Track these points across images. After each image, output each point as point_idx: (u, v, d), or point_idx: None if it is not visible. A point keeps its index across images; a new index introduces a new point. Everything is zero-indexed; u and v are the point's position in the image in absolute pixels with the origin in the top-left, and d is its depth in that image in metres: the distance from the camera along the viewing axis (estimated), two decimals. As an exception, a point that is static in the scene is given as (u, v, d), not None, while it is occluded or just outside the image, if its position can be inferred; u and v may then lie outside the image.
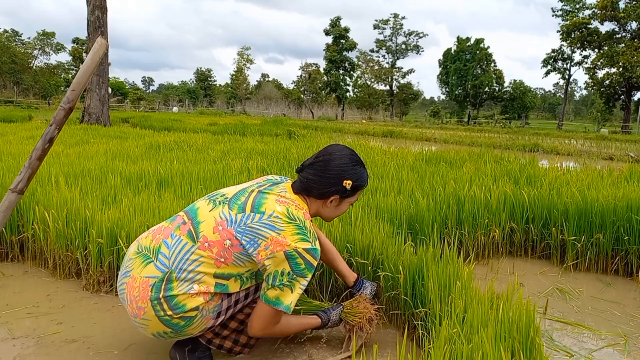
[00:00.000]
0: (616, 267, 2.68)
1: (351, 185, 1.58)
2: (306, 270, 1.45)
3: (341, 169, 1.57)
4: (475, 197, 2.89)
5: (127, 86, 64.56)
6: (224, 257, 1.43)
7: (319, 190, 1.57)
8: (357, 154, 1.65)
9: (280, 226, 1.43)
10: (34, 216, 2.48)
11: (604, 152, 10.59)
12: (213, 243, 1.43)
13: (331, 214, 1.66)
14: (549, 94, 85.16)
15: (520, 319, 1.38)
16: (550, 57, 39.69)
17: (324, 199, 1.60)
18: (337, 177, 1.56)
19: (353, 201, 1.66)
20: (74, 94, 1.73)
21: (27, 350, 1.68)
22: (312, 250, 1.45)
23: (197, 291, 1.40)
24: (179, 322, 1.41)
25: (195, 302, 1.41)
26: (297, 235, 1.44)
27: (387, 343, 1.81)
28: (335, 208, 1.64)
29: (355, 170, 1.60)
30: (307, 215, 1.53)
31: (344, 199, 1.62)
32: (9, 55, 48.14)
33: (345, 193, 1.59)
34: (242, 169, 3.97)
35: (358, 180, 1.60)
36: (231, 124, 13.36)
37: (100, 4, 12.20)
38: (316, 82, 54.31)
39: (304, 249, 1.43)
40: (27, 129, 8.75)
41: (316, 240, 1.48)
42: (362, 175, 1.62)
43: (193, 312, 1.41)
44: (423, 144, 12.45)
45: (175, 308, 1.39)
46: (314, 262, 1.45)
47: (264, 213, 1.45)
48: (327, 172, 1.57)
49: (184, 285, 1.40)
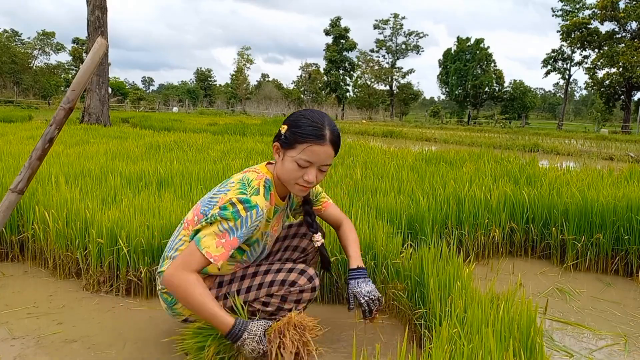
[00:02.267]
0: (616, 267, 2.68)
1: (286, 130, 1.47)
2: (229, 214, 1.39)
3: (287, 117, 1.53)
4: (475, 197, 2.89)
5: (127, 86, 64.60)
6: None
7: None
8: (322, 115, 1.49)
9: (230, 187, 1.48)
10: (34, 216, 2.48)
11: (604, 152, 10.59)
12: (189, 222, 1.55)
13: (279, 170, 1.51)
14: (549, 94, 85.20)
15: (521, 319, 1.38)
16: (550, 57, 39.71)
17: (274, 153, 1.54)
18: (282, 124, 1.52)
19: (296, 158, 1.45)
20: (74, 94, 1.73)
21: (27, 350, 1.68)
22: (243, 199, 1.42)
23: None
24: (167, 297, 1.55)
25: None
26: (237, 190, 1.45)
27: (387, 343, 1.81)
28: (281, 163, 1.49)
29: (298, 118, 1.48)
30: (260, 176, 1.52)
31: (286, 150, 1.47)
32: (9, 55, 48.12)
33: (281, 140, 1.48)
34: (242, 169, 3.96)
35: (295, 127, 1.45)
36: (231, 124, 13.36)
37: (100, 4, 12.20)
38: (316, 82, 54.32)
39: (237, 199, 1.42)
40: (27, 129, 8.75)
41: (256, 195, 1.44)
42: (302, 124, 1.45)
43: None
44: (423, 144, 12.45)
45: (162, 283, 1.50)
46: (243, 211, 1.40)
47: (224, 184, 1.54)
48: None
49: (169, 261, 1.52)
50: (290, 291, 1.54)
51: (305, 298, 1.56)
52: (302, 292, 1.55)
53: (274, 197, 1.57)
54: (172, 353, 1.69)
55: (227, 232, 1.40)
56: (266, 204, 1.49)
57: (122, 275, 2.14)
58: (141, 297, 2.15)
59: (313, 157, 1.45)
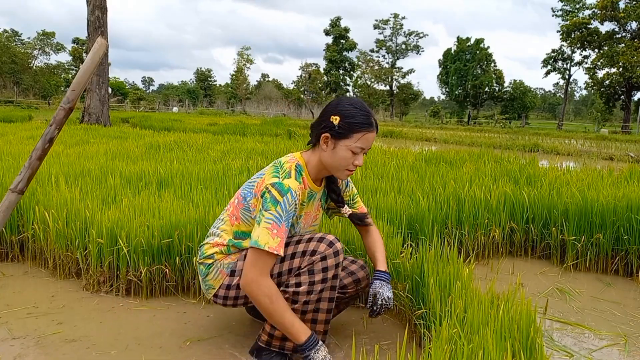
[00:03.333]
0: (616, 267, 2.68)
1: (339, 121, 1.50)
2: (270, 204, 1.46)
3: (332, 105, 1.56)
4: (475, 197, 2.89)
5: (127, 86, 64.59)
6: (235, 215, 1.62)
7: (315, 131, 1.58)
8: (360, 102, 1.57)
9: (265, 171, 1.59)
10: (34, 216, 2.48)
11: (604, 152, 10.59)
12: (231, 204, 1.67)
13: (330, 160, 1.56)
14: (549, 94, 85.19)
15: (521, 319, 1.38)
16: (550, 57, 39.70)
17: (318, 142, 1.57)
18: (328, 114, 1.55)
19: (352, 147, 1.52)
20: (74, 94, 1.73)
21: (27, 350, 1.68)
22: (277, 184, 1.48)
23: (214, 242, 1.64)
24: (202, 267, 1.65)
25: (212, 250, 1.63)
26: (271, 174, 1.54)
27: (387, 343, 1.81)
28: (332, 152, 1.54)
29: (346, 107, 1.53)
30: (293, 160, 1.59)
31: (338, 140, 1.52)
32: (9, 55, 48.11)
33: (335, 130, 1.51)
34: (242, 169, 3.97)
35: (348, 117, 1.51)
36: (231, 124, 13.36)
37: (100, 4, 12.20)
38: (316, 82, 54.31)
39: (270, 184, 1.49)
40: (27, 129, 8.75)
41: (288, 178, 1.51)
42: (354, 114, 1.51)
43: (209, 259, 1.63)
44: (423, 144, 12.45)
45: (201, 255, 1.66)
46: (279, 197, 1.46)
47: (263, 171, 1.63)
48: (323, 111, 1.58)
49: (210, 238, 1.68)
50: (312, 261, 1.50)
51: (331, 264, 1.51)
52: (326, 259, 1.51)
53: (307, 181, 1.62)
54: (173, 353, 1.69)
55: (274, 222, 1.46)
56: (300, 186, 1.54)
57: (122, 275, 2.14)
58: (141, 297, 2.15)
59: (365, 144, 1.55)
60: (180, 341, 1.77)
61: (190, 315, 2.00)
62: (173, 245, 2.14)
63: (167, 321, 1.94)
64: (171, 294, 2.18)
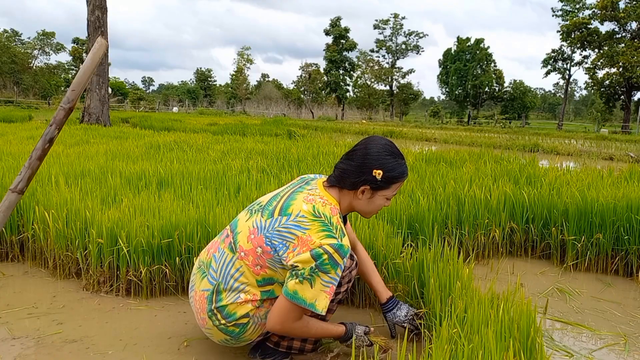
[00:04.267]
0: (616, 267, 2.68)
1: (382, 176, 1.52)
2: (329, 267, 1.40)
3: (372, 158, 1.53)
4: (475, 197, 2.89)
5: (127, 86, 64.59)
6: (259, 264, 1.47)
7: (350, 180, 1.54)
8: (394, 146, 1.59)
9: (306, 225, 1.43)
10: (34, 216, 2.48)
11: (604, 152, 10.59)
12: (248, 252, 1.49)
13: (365, 207, 1.59)
14: (549, 94, 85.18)
15: (521, 319, 1.38)
16: (550, 57, 39.66)
17: (354, 190, 1.55)
18: (368, 167, 1.52)
19: (389, 195, 1.58)
20: (74, 94, 1.73)
21: (28, 350, 1.68)
22: (337, 246, 1.40)
23: (243, 300, 1.49)
24: (234, 329, 1.51)
25: (245, 309, 1.49)
26: (323, 232, 1.42)
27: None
28: (369, 201, 1.57)
29: (387, 160, 1.53)
30: (335, 211, 1.49)
31: (376, 190, 1.55)
32: (9, 55, 48.10)
33: (376, 184, 1.53)
34: (242, 169, 3.97)
35: (390, 171, 1.53)
36: (231, 124, 13.36)
37: (101, 4, 12.20)
38: (316, 82, 54.29)
39: (329, 245, 1.40)
40: (27, 129, 8.75)
41: (344, 237, 1.44)
42: (395, 167, 1.54)
43: (244, 319, 1.50)
44: (423, 144, 12.45)
45: (227, 317, 1.49)
46: (340, 260, 1.41)
47: (291, 214, 1.46)
48: (358, 160, 1.54)
49: (231, 295, 1.49)
50: (342, 276, 1.60)
51: (354, 275, 1.69)
52: (351, 272, 1.66)
53: None
54: (172, 353, 1.69)
55: (332, 285, 1.43)
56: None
57: (122, 275, 2.14)
58: (141, 297, 2.15)
59: (399, 188, 1.61)
60: (180, 341, 1.78)
61: (190, 315, 2.00)
62: (173, 245, 2.14)
63: (167, 321, 1.94)
64: (171, 294, 2.18)
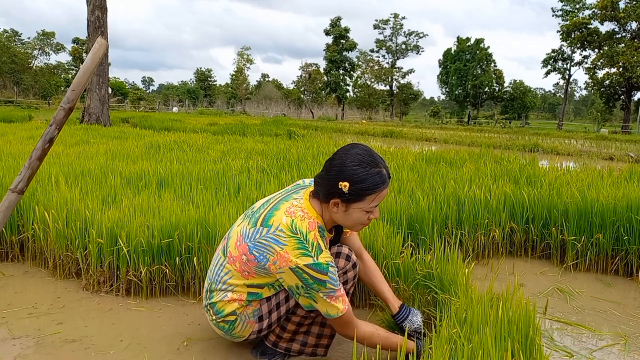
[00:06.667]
0: (616, 267, 2.68)
1: (349, 188, 1.40)
2: (317, 285, 1.40)
3: (340, 169, 1.42)
4: (475, 197, 2.89)
5: (127, 86, 64.58)
6: (246, 270, 1.49)
7: (322, 192, 1.46)
8: (368, 154, 1.45)
9: (284, 240, 1.41)
10: (34, 216, 2.48)
11: (604, 152, 10.59)
12: (235, 258, 1.51)
13: (344, 221, 1.50)
14: (549, 94, 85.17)
15: (520, 319, 1.38)
16: (550, 57, 39.66)
17: (327, 203, 1.47)
18: (333, 178, 1.42)
19: (367, 208, 1.45)
20: (74, 94, 1.73)
21: (28, 350, 1.68)
22: (314, 265, 1.38)
23: (230, 298, 1.53)
24: (224, 325, 1.56)
25: (231, 307, 1.53)
26: (298, 250, 1.39)
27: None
28: (345, 214, 1.47)
29: (355, 170, 1.40)
30: (313, 225, 1.44)
31: (349, 203, 1.44)
32: (9, 55, 48.11)
33: (345, 196, 1.42)
34: (242, 169, 3.97)
35: (359, 183, 1.40)
36: (231, 124, 13.35)
37: (101, 4, 12.20)
38: (316, 82, 54.28)
39: (304, 265, 1.38)
40: (27, 129, 8.74)
41: (320, 253, 1.40)
42: (365, 178, 1.40)
43: (231, 316, 1.54)
44: (423, 144, 12.45)
45: (217, 313, 1.55)
46: (322, 276, 1.39)
47: (271, 226, 1.44)
48: (328, 171, 1.45)
49: (220, 294, 1.54)
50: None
51: (350, 276, 1.62)
52: (346, 273, 1.61)
53: (328, 238, 1.57)
54: (172, 353, 1.69)
55: (332, 295, 1.43)
56: (329, 253, 1.47)
57: (122, 275, 2.14)
58: (141, 297, 2.15)
59: (380, 199, 1.47)
60: (180, 341, 1.78)
61: (190, 315, 2.00)
62: (173, 245, 2.14)
63: (167, 321, 1.94)
64: (171, 294, 2.18)
